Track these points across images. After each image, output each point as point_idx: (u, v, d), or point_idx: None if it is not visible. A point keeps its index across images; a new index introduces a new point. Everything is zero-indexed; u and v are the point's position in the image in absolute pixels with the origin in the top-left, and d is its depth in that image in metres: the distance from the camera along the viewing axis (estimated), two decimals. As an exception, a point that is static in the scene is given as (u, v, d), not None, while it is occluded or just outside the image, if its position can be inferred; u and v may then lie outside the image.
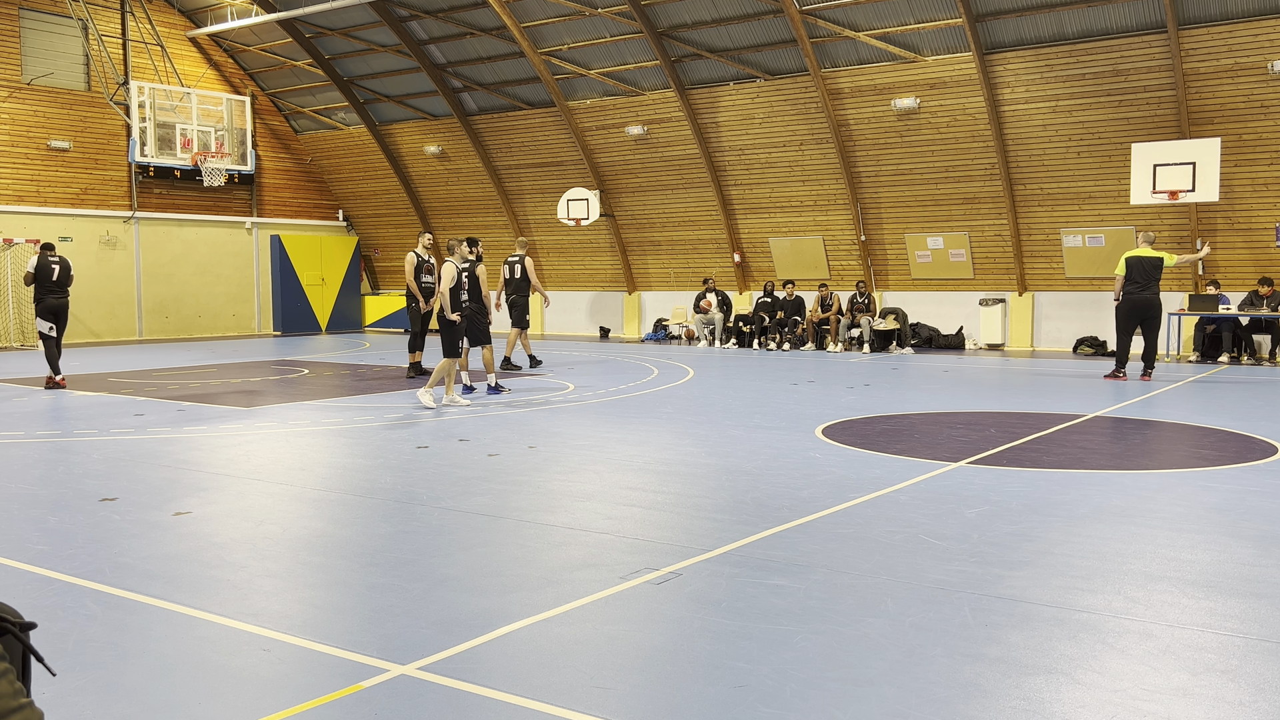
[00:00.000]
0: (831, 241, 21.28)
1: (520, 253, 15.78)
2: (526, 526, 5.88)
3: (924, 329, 20.51)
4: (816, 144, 20.38)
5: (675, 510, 6.27)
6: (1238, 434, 9.17)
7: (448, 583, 4.80)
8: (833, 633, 4.10)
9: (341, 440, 9.03)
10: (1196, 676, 3.65)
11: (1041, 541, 5.49)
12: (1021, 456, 8.06)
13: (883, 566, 5.02)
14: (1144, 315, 13.86)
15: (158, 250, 24.13)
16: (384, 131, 25.95)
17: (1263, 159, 16.87)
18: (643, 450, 8.39)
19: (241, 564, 5.16)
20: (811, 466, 7.64)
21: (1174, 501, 6.45)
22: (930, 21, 18.05)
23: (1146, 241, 13.91)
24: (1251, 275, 17.45)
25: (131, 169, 23.60)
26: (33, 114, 22.06)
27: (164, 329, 24.18)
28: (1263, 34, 16.03)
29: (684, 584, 4.75)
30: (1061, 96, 17.87)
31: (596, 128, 22.71)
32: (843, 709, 3.39)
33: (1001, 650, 3.90)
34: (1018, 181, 18.95)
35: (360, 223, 28.46)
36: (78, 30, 22.65)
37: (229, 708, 3.45)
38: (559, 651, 3.91)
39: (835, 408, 11.07)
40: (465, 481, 7.18)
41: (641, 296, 24.32)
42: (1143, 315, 13.87)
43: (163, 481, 7.25)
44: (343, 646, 3.98)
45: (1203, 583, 4.76)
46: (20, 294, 21.62)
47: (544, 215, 24.65)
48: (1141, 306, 13.82)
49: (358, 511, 6.32)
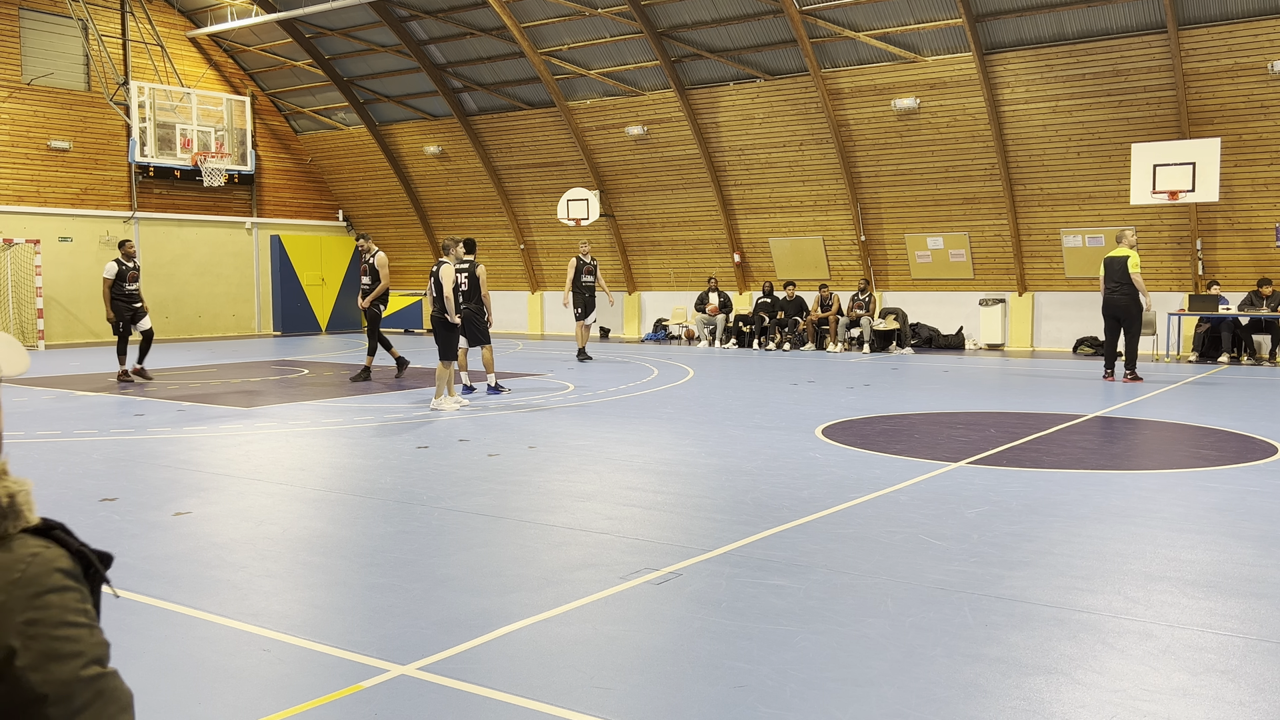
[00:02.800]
0: (831, 241, 21.28)
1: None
2: (526, 527, 5.88)
3: (924, 329, 20.51)
4: (816, 144, 20.38)
5: (675, 510, 6.27)
6: (1238, 434, 9.17)
7: (448, 583, 4.80)
8: (833, 633, 4.10)
9: (341, 440, 9.03)
10: (1196, 676, 3.65)
11: (1041, 541, 5.48)
12: (1021, 457, 8.06)
13: (883, 566, 5.02)
14: (1114, 315, 13.81)
15: (158, 250, 24.12)
16: (384, 131, 25.96)
17: (1263, 159, 16.87)
18: (643, 450, 8.39)
19: (241, 564, 5.16)
20: (811, 466, 7.64)
21: (1174, 501, 6.45)
22: (930, 21, 18.05)
23: (1119, 241, 13.90)
24: (1251, 275, 17.45)
25: (131, 169, 23.60)
26: (33, 114, 22.06)
27: (164, 329, 24.18)
28: (1263, 34, 16.03)
29: (684, 584, 4.75)
30: (1061, 96, 17.87)
31: (596, 128, 22.71)
32: (843, 709, 3.39)
33: (1001, 650, 3.90)
34: (1018, 181, 18.95)
35: (360, 223, 28.46)
36: (78, 30, 22.65)
37: (229, 708, 3.45)
38: (559, 651, 3.91)
39: (835, 408, 11.07)
40: (465, 482, 7.18)
41: (641, 296, 24.32)
42: (1114, 315, 13.82)
43: (163, 481, 7.25)
44: (343, 646, 3.98)
45: (1203, 583, 4.76)
46: (20, 294, 21.62)
47: (544, 215, 24.65)
48: (1111, 306, 13.78)
49: (358, 512, 6.32)
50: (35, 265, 21.55)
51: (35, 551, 1.34)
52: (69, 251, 22.59)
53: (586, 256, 17.74)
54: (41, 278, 21.60)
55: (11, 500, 1.36)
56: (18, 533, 1.35)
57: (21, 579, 1.30)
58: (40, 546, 1.35)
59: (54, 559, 1.34)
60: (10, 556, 1.32)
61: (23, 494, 1.38)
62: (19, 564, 1.31)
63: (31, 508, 1.38)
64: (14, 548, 1.33)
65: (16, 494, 1.37)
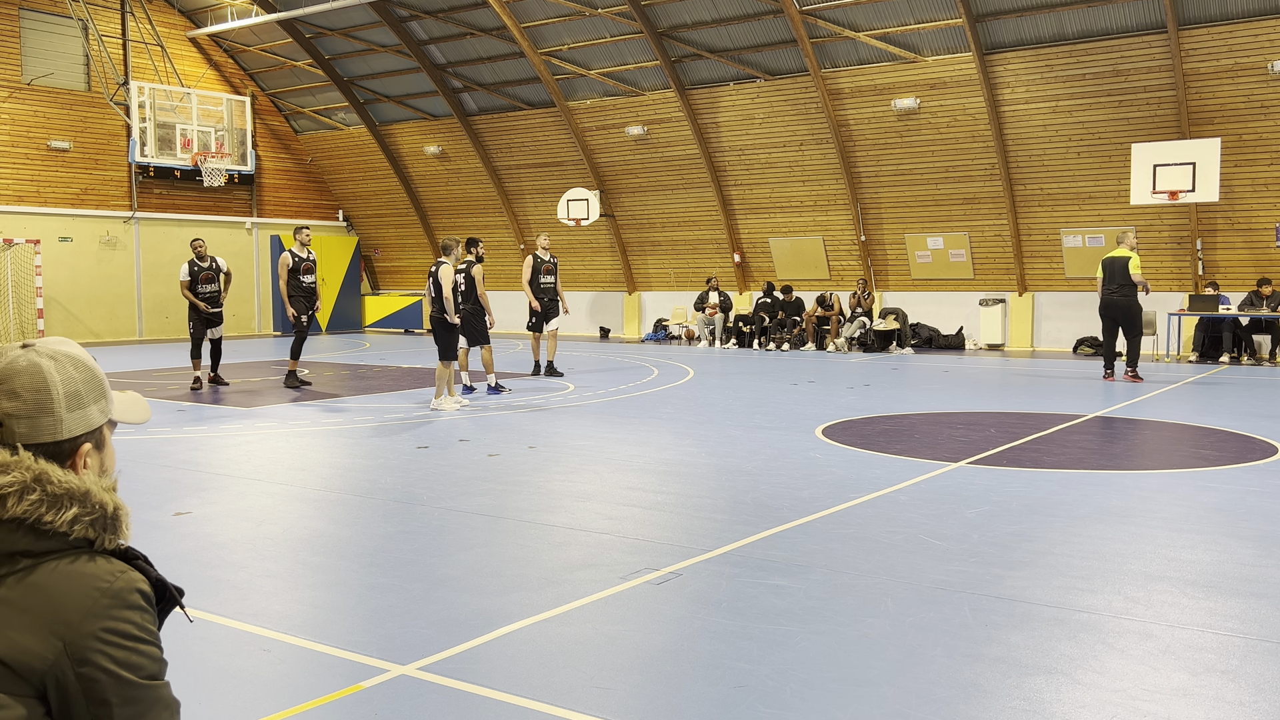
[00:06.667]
0: (831, 242, 21.28)
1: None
2: (526, 527, 5.88)
3: (924, 329, 20.51)
4: (816, 144, 20.38)
5: (675, 510, 6.27)
6: (1238, 434, 9.17)
7: (448, 583, 4.80)
8: (833, 633, 4.10)
9: (342, 440, 9.03)
10: (1196, 676, 3.65)
11: (1041, 541, 5.48)
12: (1021, 456, 8.06)
13: (883, 566, 5.02)
14: (1113, 316, 13.82)
15: (158, 250, 24.12)
16: (384, 131, 25.95)
17: (1263, 159, 16.87)
18: (643, 450, 8.39)
19: (241, 564, 5.16)
20: (811, 466, 7.64)
21: (1174, 501, 6.45)
22: (930, 22, 18.05)
23: (1120, 242, 13.91)
24: (1251, 275, 17.45)
25: (131, 169, 23.60)
26: (33, 114, 22.06)
27: (164, 329, 24.18)
28: (1263, 34, 16.03)
29: (684, 584, 4.75)
30: (1061, 96, 17.87)
31: (596, 128, 22.71)
32: (843, 709, 3.39)
33: (1001, 650, 3.90)
34: (1018, 181, 18.95)
35: (360, 223, 28.46)
36: (78, 30, 22.65)
37: (229, 708, 3.45)
38: (559, 651, 3.91)
39: (835, 408, 11.07)
40: (465, 482, 7.18)
41: (641, 297, 24.32)
42: (1112, 316, 13.83)
43: (163, 481, 7.25)
44: (343, 646, 3.98)
45: (1203, 583, 4.76)
46: (20, 294, 21.62)
47: (544, 215, 24.65)
48: (1109, 307, 13.79)
49: (358, 512, 6.32)
50: (35, 265, 21.55)
51: (123, 569, 1.51)
52: (69, 251, 22.59)
53: (546, 254, 14.78)
54: (41, 278, 21.59)
55: (116, 512, 1.54)
56: (104, 551, 1.52)
57: (110, 589, 1.47)
58: (126, 568, 1.52)
59: (136, 580, 1.51)
60: (102, 567, 1.49)
61: (125, 513, 1.56)
62: (109, 575, 1.48)
63: (129, 529, 1.56)
64: (105, 561, 1.51)
65: (121, 510, 1.55)
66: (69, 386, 1.55)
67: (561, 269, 25.06)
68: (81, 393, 1.56)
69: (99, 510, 1.50)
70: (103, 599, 1.45)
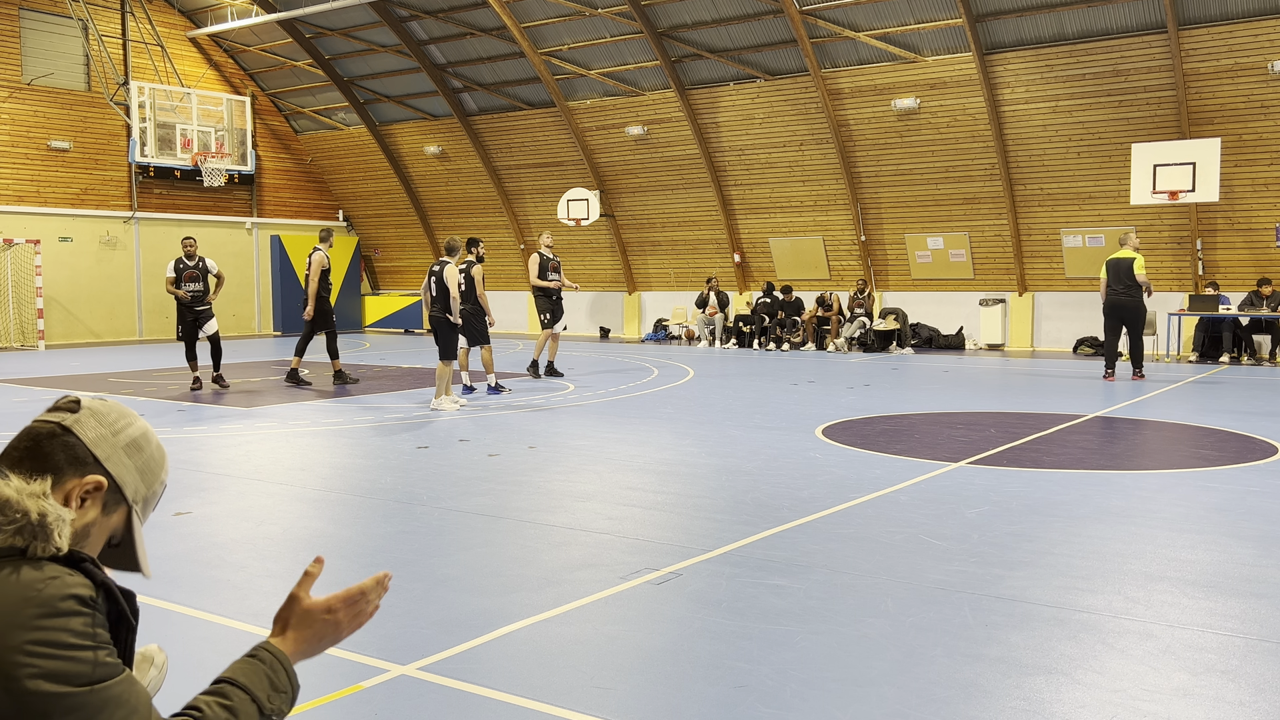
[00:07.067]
0: (831, 241, 21.28)
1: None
2: (526, 527, 5.88)
3: (924, 329, 20.51)
4: (816, 144, 20.38)
5: (675, 510, 6.27)
6: (1238, 434, 9.17)
7: (448, 583, 4.80)
8: (833, 633, 4.10)
9: (342, 440, 9.03)
10: (1196, 676, 3.65)
11: (1041, 541, 5.48)
12: (1021, 457, 8.06)
13: (883, 566, 5.02)
14: (1120, 317, 13.85)
15: (158, 250, 24.11)
16: (384, 132, 25.95)
17: (1263, 159, 16.87)
18: (643, 450, 8.39)
19: (241, 564, 5.16)
20: (811, 466, 7.64)
21: (1174, 501, 6.45)
22: (930, 22, 18.05)
23: (1123, 243, 13.92)
24: (1251, 275, 17.45)
25: (131, 169, 23.60)
26: (33, 114, 22.07)
27: (164, 329, 24.17)
28: (1263, 34, 16.03)
29: (684, 584, 4.75)
30: (1061, 96, 17.87)
31: (596, 128, 22.71)
32: (843, 709, 3.39)
33: (1001, 650, 3.90)
34: (1018, 181, 18.95)
35: (360, 223, 28.47)
36: (78, 30, 22.65)
37: (229, 708, 3.44)
38: (559, 651, 3.91)
39: (835, 408, 11.07)
40: (465, 482, 7.18)
41: (641, 297, 24.32)
42: (1119, 317, 13.85)
43: (163, 481, 7.24)
44: (342, 646, 3.98)
45: (1203, 583, 4.76)
46: (20, 294, 21.62)
47: (544, 215, 24.65)
48: (1116, 308, 13.81)
49: (358, 511, 6.32)
50: (35, 265, 21.55)
51: (55, 575, 1.43)
52: (69, 251, 22.59)
53: (549, 252, 14.91)
54: (41, 278, 21.60)
55: (42, 519, 1.45)
56: (47, 559, 1.44)
57: (35, 598, 1.39)
58: (63, 572, 1.44)
59: (72, 585, 1.43)
60: (32, 576, 1.41)
61: (55, 518, 1.46)
62: (36, 584, 1.40)
63: (63, 535, 1.47)
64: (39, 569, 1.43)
65: (48, 515, 1.46)
66: (134, 439, 1.63)
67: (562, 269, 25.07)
68: (141, 448, 1.65)
69: (21, 518, 1.43)
70: (26, 608, 1.38)
